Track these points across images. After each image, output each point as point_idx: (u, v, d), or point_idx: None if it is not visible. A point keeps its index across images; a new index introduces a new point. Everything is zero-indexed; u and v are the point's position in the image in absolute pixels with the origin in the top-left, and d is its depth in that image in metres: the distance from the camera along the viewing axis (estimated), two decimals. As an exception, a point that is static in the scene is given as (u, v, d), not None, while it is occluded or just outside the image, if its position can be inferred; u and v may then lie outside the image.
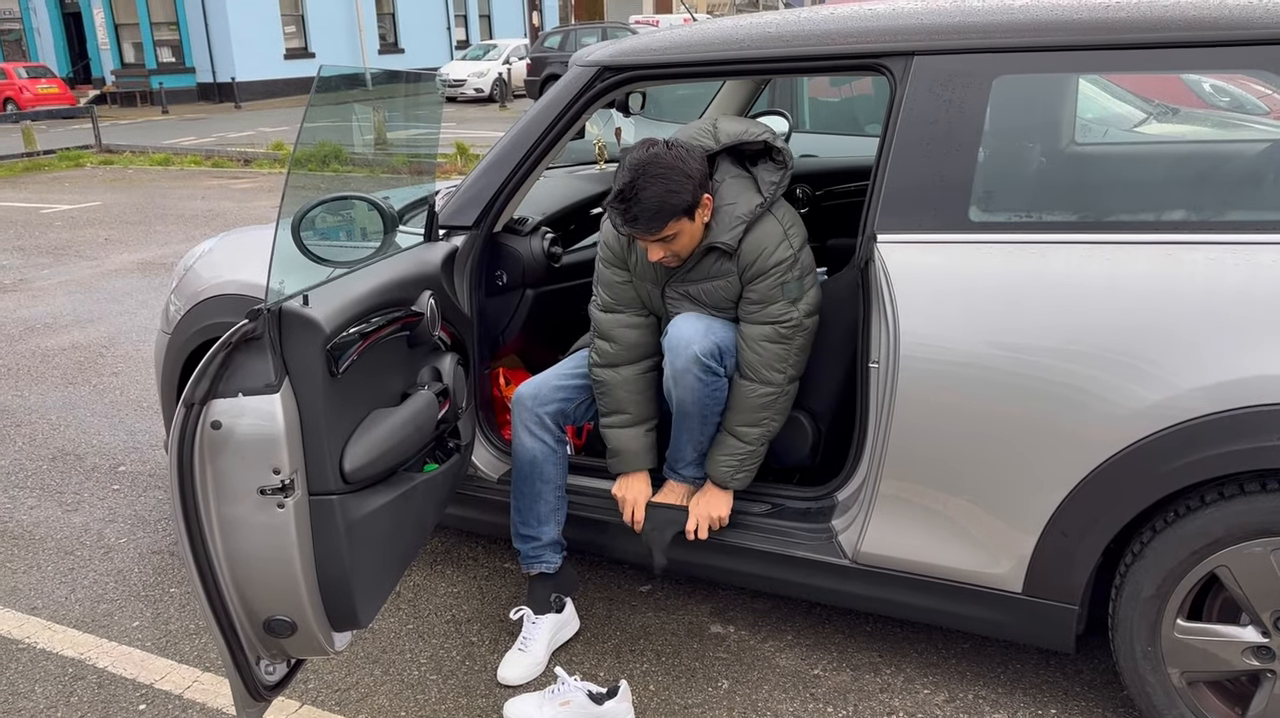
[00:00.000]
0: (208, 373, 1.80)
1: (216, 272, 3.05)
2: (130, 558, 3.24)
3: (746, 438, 2.47)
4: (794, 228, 2.42)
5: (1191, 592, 2.08)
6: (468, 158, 11.97)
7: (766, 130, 2.45)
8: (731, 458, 2.48)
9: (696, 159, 2.32)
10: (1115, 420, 2.03)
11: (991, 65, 2.16)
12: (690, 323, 2.42)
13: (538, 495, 2.58)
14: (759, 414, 2.45)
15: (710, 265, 2.44)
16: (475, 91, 23.16)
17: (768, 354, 2.41)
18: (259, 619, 1.96)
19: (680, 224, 2.32)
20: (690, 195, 2.28)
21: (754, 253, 2.37)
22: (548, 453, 2.57)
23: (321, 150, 2.54)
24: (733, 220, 2.37)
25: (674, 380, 2.42)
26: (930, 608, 2.35)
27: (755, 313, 2.42)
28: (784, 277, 2.38)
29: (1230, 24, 2.01)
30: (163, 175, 13.05)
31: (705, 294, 2.47)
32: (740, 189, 2.39)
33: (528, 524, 2.60)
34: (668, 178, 2.26)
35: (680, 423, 2.50)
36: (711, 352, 2.39)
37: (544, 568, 2.63)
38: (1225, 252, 1.97)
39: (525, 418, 2.57)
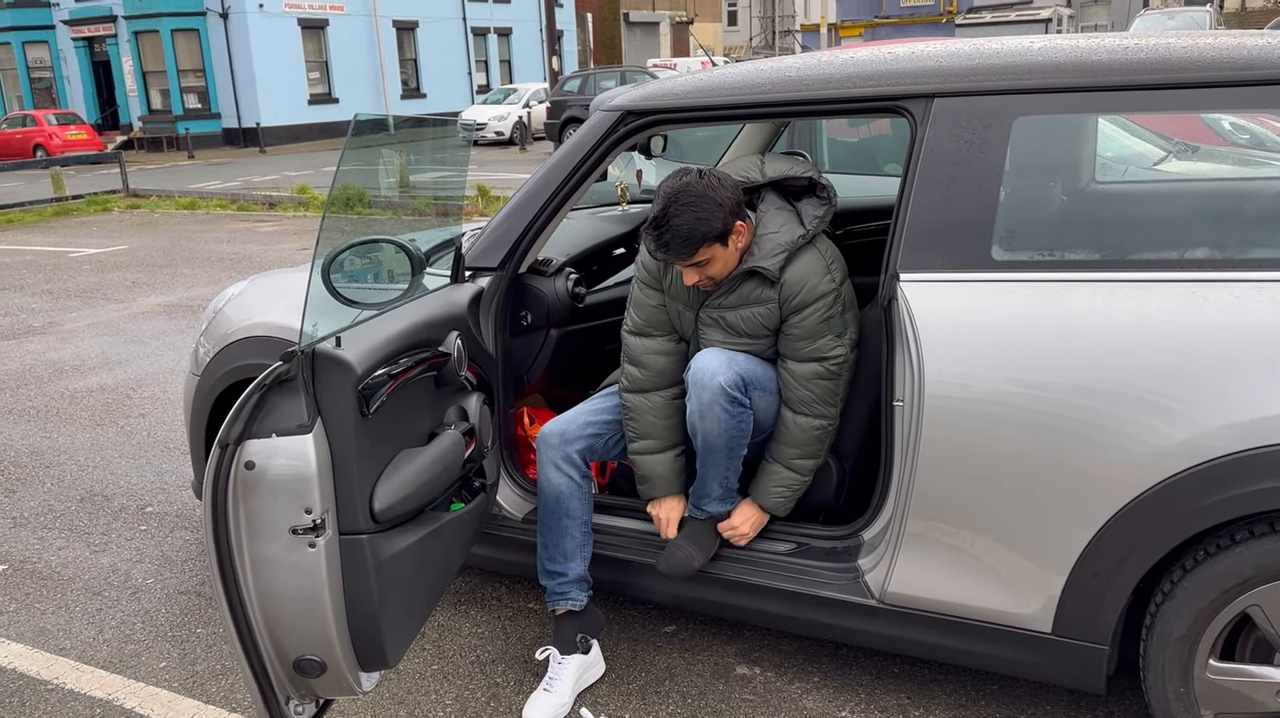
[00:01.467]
0: (242, 414, 1.83)
1: (245, 314, 3.09)
2: (157, 599, 3.25)
3: (801, 469, 2.51)
4: (835, 262, 2.47)
5: (1223, 632, 2.06)
6: (489, 199, 12.09)
7: (812, 169, 2.53)
8: (786, 489, 2.53)
9: (729, 188, 2.38)
10: (1142, 459, 2.02)
11: (1011, 106, 2.19)
12: (713, 356, 2.44)
13: (564, 531, 2.58)
14: (814, 447, 2.50)
15: (749, 291, 2.48)
16: (496, 135, 23.44)
17: (821, 390, 2.46)
18: (289, 659, 1.98)
19: (713, 250, 2.38)
20: (721, 222, 2.34)
21: (798, 284, 2.42)
22: (574, 488, 2.57)
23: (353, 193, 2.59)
24: (775, 248, 2.43)
25: (700, 415, 2.43)
26: (959, 649, 2.33)
27: (803, 349, 2.45)
28: (829, 310, 2.42)
29: (1249, 64, 2.03)
30: (189, 219, 13.25)
31: (742, 320, 2.50)
32: (784, 220, 2.46)
33: (554, 560, 2.60)
34: (698, 205, 2.33)
35: (706, 458, 2.50)
36: (736, 383, 2.41)
37: (571, 606, 2.62)
38: (1250, 289, 1.97)
39: (552, 454, 2.58)
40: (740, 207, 2.41)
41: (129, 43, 27.20)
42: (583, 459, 2.60)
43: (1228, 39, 2.15)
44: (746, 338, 2.52)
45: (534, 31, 35.86)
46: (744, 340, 2.52)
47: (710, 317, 2.55)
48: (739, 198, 2.40)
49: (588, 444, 2.62)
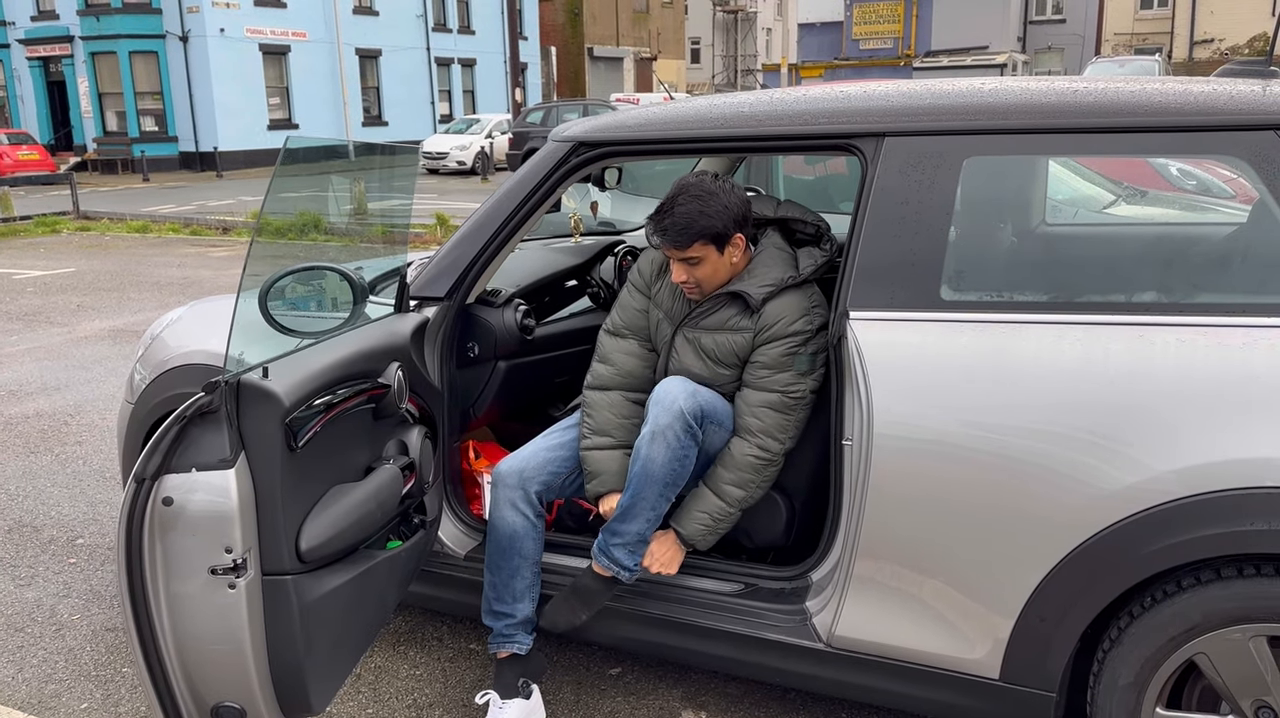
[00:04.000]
0: (161, 447, 1.75)
1: (183, 341, 3.00)
2: (83, 636, 3.12)
3: (729, 498, 2.44)
4: (819, 308, 2.46)
5: (1170, 679, 2.03)
6: (447, 229, 12.02)
7: (823, 221, 2.58)
8: (707, 517, 2.45)
9: (740, 199, 2.43)
10: (1090, 503, 2.00)
11: (962, 147, 2.18)
12: (679, 383, 2.42)
13: (515, 571, 2.51)
14: (747, 475, 2.44)
15: (729, 317, 2.47)
16: (458, 164, 23.41)
17: (770, 421, 2.42)
18: (206, 706, 1.88)
19: (707, 250, 2.41)
20: (721, 223, 2.38)
21: (775, 317, 2.42)
22: (528, 528, 2.50)
23: (289, 220, 2.52)
24: (764, 279, 2.45)
25: (651, 437, 2.37)
26: (907, 694, 2.29)
27: (763, 378, 2.43)
28: (798, 347, 2.41)
29: (1196, 110, 2.04)
30: (140, 243, 13.02)
31: (716, 346, 2.49)
32: (779, 259, 2.50)
33: (502, 601, 2.52)
34: (704, 200, 2.38)
35: (640, 489, 2.39)
36: (695, 413, 2.37)
37: (515, 648, 2.53)
38: (1197, 334, 1.97)
39: (509, 493, 2.51)
40: (747, 221, 2.45)
41: (85, 64, 26.86)
42: (539, 499, 2.52)
43: (1175, 84, 2.16)
44: (716, 365, 2.50)
45: (498, 63, 35.97)
46: (713, 368, 2.50)
47: (687, 336, 2.53)
48: (746, 212, 2.44)
49: (545, 484, 2.54)
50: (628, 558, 2.43)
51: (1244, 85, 2.16)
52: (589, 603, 2.46)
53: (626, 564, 2.43)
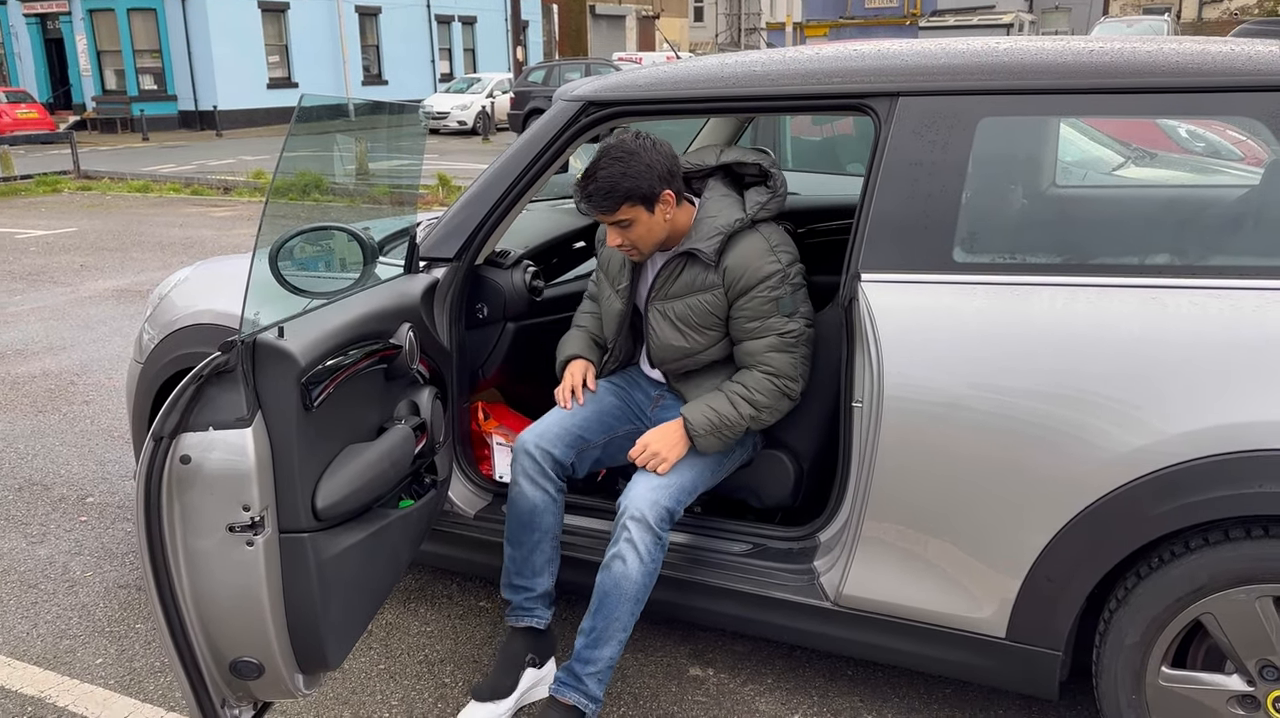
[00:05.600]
0: (178, 406, 1.76)
1: (192, 300, 3.01)
2: (96, 593, 3.15)
3: (740, 409, 2.38)
4: (781, 246, 2.41)
5: (1176, 639, 2.06)
6: (450, 189, 11.96)
7: (769, 160, 2.50)
8: (715, 413, 2.38)
9: (663, 154, 2.36)
10: (1099, 465, 2.01)
11: (976, 107, 2.17)
12: (643, 489, 2.33)
13: (535, 546, 2.49)
14: (762, 398, 2.38)
15: (693, 278, 2.44)
16: (459, 124, 23.22)
17: (779, 363, 2.39)
18: (225, 661, 1.91)
19: (635, 212, 2.36)
20: (645, 183, 2.33)
21: (740, 268, 2.38)
22: (548, 503, 2.48)
23: (301, 180, 2.51)
24: (712, 230, 2.40)
25: (622, 555, 2.28)
26: (912, 653, 2.31)
27: (754, 329, 2.40)
28: (776, 291, 2.37)
29: (1212, 71, 2.02)
30: (141, 202, 12.97)
31: (690, 311, 2.45)
32: (725, 205, 2.43)
33: (522, 575, 2.51)
34: (625, 162, 2.32)
35: (614, 609, 2.28)
36: (663, 519, 2.31)
37: (534, 623, 2.51)
38: (1209, 296, 1.97)
39: (528, 465, 2.47)
40: (674, 175, 2.38)
41: (83, 21, 26.56)
42: (558, 473, 2.50)
43: (1192, 44, 2.14)
44: (695, 332, 2.46)
45: (499, 21, 35.58)
46: (693, 336, 2.47)
47: (658, 310, 2.51)
48: (672, 167, 2.37)
49: (565, 453, 2.51)
50: (598, 689, 2.30)
51: (1261, 46, 2.13)
52: None
53: (597, 696, 2.30)
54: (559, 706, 2.30)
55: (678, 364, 2.54)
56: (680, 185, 2.42)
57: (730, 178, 2.52)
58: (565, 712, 2.29)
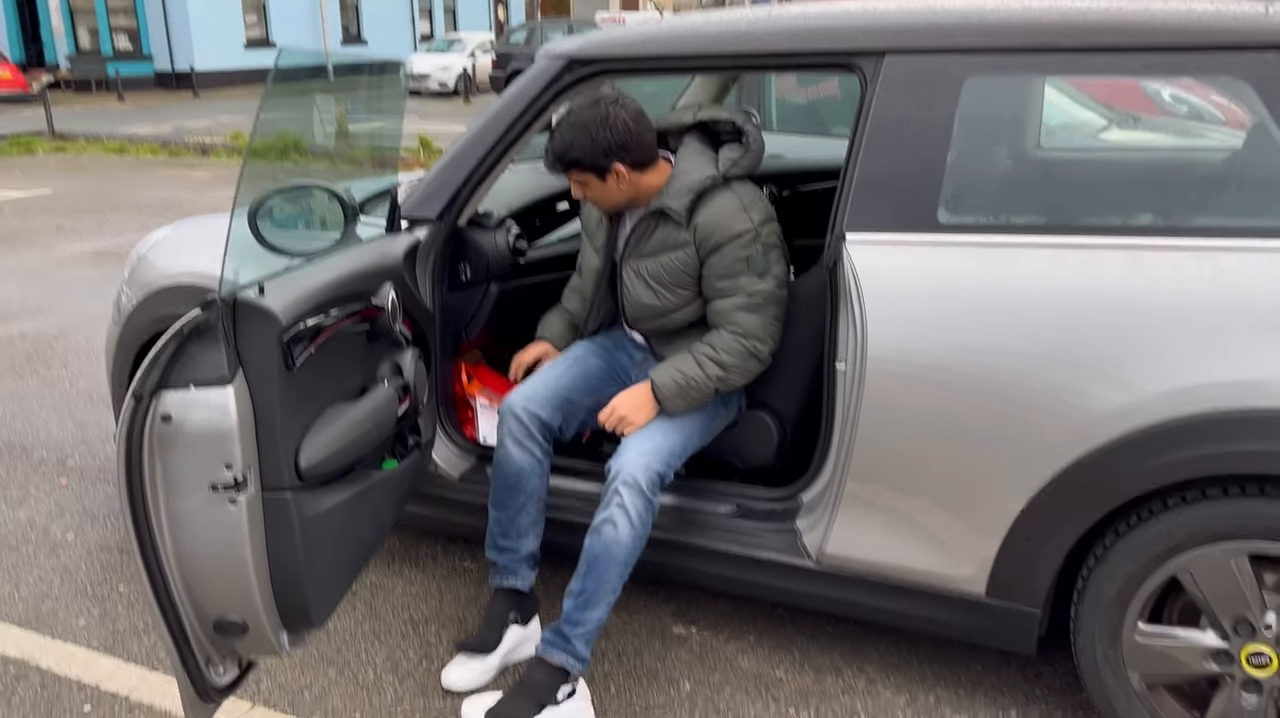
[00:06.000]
0: (158, 364, 1.74)
1: (170, 261, 2.98)
2: (77, 555, 3.14)
3: (706, 370, 2.37)
4: (755, 204, 2.40)
5: (1153, 596, 2.09)
6: (430, 151, 11.85)
7: (744, 118, 2.47)
8: (681, 375, 2.37)
9: (615, 130, 2.34)
10: (1080, 425, 2.02)
11: (963, 66, 2.15)
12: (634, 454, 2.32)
13: (520, 508, 2.50)
14: (730, 359, 2.36)
15: (665, 236, 2.43)
16: (439, 85, 22.95)
17: (747, 324, 2.37)
18: (209, 619, 1.91)
19: (586, 177, 2.41)
20: (589, 158, 2.36)
21: (710, 225, 2.36)
22: (534, 465, 2.48)
23: (280, 140, 2.47)
24: (682, 188, 2.39)
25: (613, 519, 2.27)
26: (893, 610, 2.34)
27: (722, 287, 2.39)
28: (746, 250, 2.35)
29: (1199, 30, 2.01)
30: (118, 164, 12.79)
31: (663, 269, 2.44)
32: (698, 162, 2.42)
33: (507, 537, 2.52)
34: (573, 132, 2.36)
35: (604, 572, 2.28)
36: (654, 483, 2.31)
37: (517, 583, 2.53)
38: (1191, 257, 1.97)
39: (514, 428, 2.47)
40: (625, 149, 2.35)
41: (55, -22, 26.04)
42: (545, 436, 2.50)
43: (1178, 4, 2.13)
44: (668, 291, 2.45)
45: (480, -20, 35.09)
46: (665, 295, 2.46)
47: (632, 269, 2.50)
48: (624, 140, 2.35)
49: (553, 418, 2.51)
50: (585, 649, 2.30)
51: (1247, 6, 2.13)
52: (541, 699, 2.29)
53: (584, 656, 2.30)
54: (545, 665, 2.31)
55: (653, 324, 2.53)
56: (641, 155, 2.39)
57: (707, 136, 2.50)
58: (552, 671, 2.31)
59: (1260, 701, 2.02)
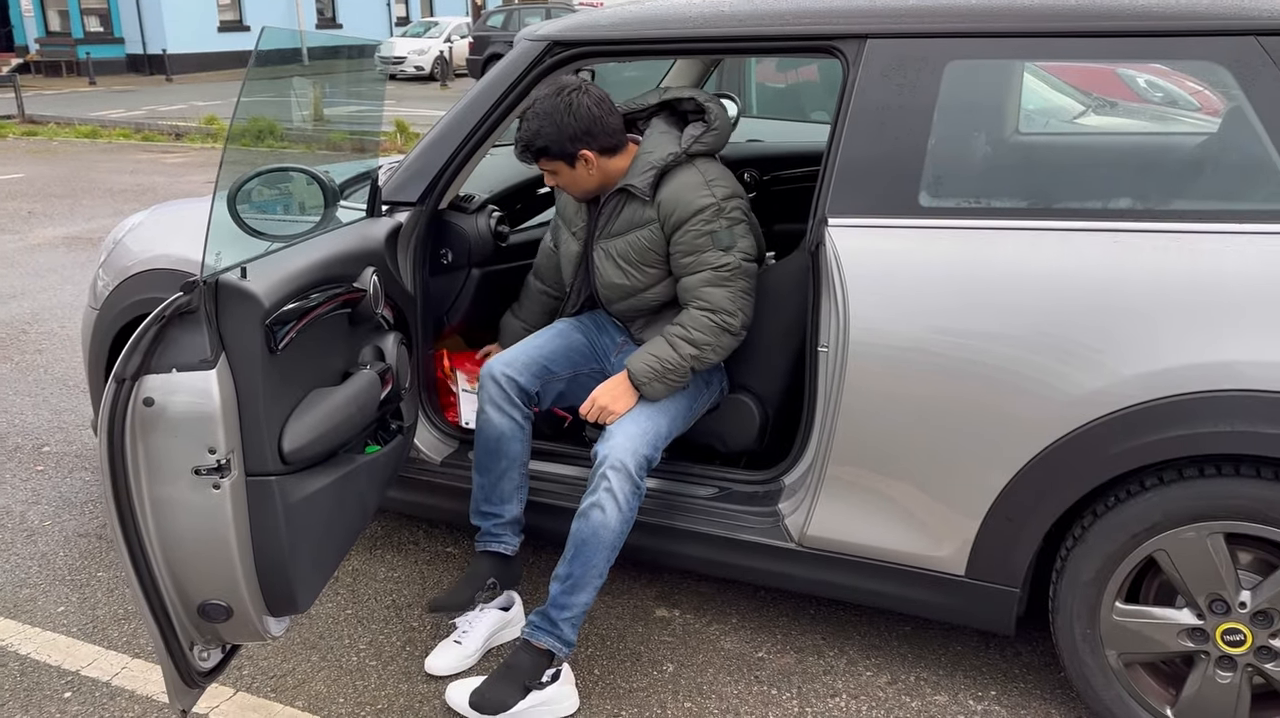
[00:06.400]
0: (140, 347, 1.73)
1: (147, 246, 2.95)
2: (55, 541, 3.12)
3: (679, 349, 2.36)
4: (717, 180, 2.40)
5: (1130, 575, 2.11)
6: (408, 136, 11.77)
7: (706, 95, 2.48)
8: (656, 360, 2.37)
9: (580, 118, 2.35)
10: (1059, 407, 2.05)
11: (945, 50, 2.16)
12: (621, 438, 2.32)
13: (503, 473, 2.51)
14: (703, 336, 2.36)
15: (632, 214, 2.45)
16: (415, 69, 22.79)
17: (716, 298, 2.36)
18: (193, 604, 1.90)
19: (555, 165, 2.42)
20: (556, 145, 2.37)
21: (673, 201, 2.37)
22: (515, 430, 2.50)
23: (259, 124, 2.46)
24: (645, 166, 2.41)
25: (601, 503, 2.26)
26: (874, 591, 2.36)
27: (689, 264, 2.39)
28: (710, 225, 2.36)
29: (1178, 15, 2.03)
30: (90, 148, 12.63)
31: (631, 248, 2.46)
32: (662, 141, 2.43)
33: (490, 502, 2.53)
34: (539, 120, 2.37)
35: (591, 556, 2.28)
36: (642, 466, 2.32)
37: (502, 548, 2.55)
38: (1170, 240, 2.00)
39: (494, 393, 2.49)
40: (591, 136, 2.37)
41: (23, -42, 25.60)
42: (524, 401, 2.51)
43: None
44: (636, 270, 2.47)
45: (457, -36, 34.79)
46: (634, 275, 2.47)
47: (602, 248, 2.51)
48: (590, 127, 2.36)
49: (531, 384, 2.52)
50: (572, 633, 2.31)
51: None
52: (526, 683, 2.29)
53: (570, 640, 2.31)
54: (532, 649, 2.32)
55: (625, 304, 2.54)
56: (608, 140, 2.40)
57: (674, 116, 2.51)
58: (538, 655, 2.31)
59: (1234, 677, 2.06)
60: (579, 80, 2.41)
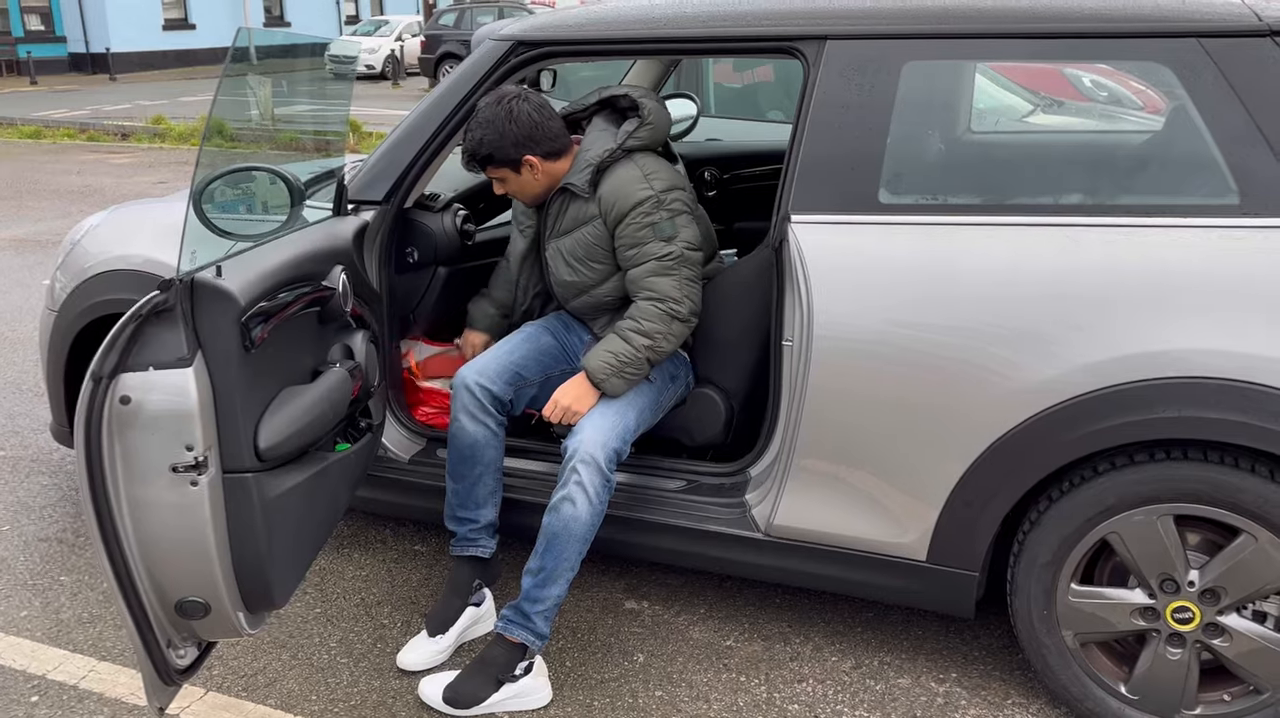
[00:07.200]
0: (116, 346, 1.73)
1: (105, 247, 2.93)
2: (14, 546, 3.08)
3: (632, 342, 2.39)
4: (656, 173, 2.44)
5: (1084, 558, 2.19)
6: (360, 135, 11.69)
7: (641, 92, 2.53)
8: (612, 356, 2.39)
9: (522, 124, 2.40)
10: (1014, 395, 2.12)
11: (902, 51, 2.23)
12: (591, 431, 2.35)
13: (477, 479, 2.53)
14: (653, 324, 2.39)
15: (576, 212, 2.49)
16: (366, 68, 22.61)
17: (662, 287, 2.40)
18: (170, 601, 1.90)
19: (502, 172, 2.47)
20: (500, 153, 2.42)
21: (612, 196, 2.42)
22: (489, 437, 2.52)
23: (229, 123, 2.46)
24: (584, 164, 2.46)
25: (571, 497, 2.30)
26: (839, 577, 2.42)
27: (633, 257, 2.43)
28: (650, 217, 2.40)
29: (1123, 17, 2.11)
30: (33, 149, 12.37)
31: (578, 245, 2.50)
32: (600, 138, 2.49)
33: (465, 508, 2.55)
34: (482, 129, 2.42)
35: (562, 549, 2.31)
36: (612, 459, 2.35)
37: (478, 552, 2.56)
38: (1119, 234, 2.07)
39: (468, 401, 2.51)
40: (534, 141, 2.41)
41: (-41, -45, 24.98)
42: (498, 408, 2.53)
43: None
44: (584, 266, 2.51)
45: (407, -38, 34.54)
46: (582, 271, 2.51)
47: (553, 248, 2.56)
48: (532, 133, 2.40)
49: (504, 392, 2.54)
50: (545, 626, 2.34)
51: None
52: (499, 676, 2.34)
53: (544, 633, 2.34)
54: (505, 642, 2.35)
55: (580, 301, 2.59)
56: (551, 145, 2.45)
57: (613, 114, 2.55)
58: (511, 648, 2.34)
59: (1184, 653, 2.15)
60: (519, 89, 2.46)
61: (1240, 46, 2.05)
